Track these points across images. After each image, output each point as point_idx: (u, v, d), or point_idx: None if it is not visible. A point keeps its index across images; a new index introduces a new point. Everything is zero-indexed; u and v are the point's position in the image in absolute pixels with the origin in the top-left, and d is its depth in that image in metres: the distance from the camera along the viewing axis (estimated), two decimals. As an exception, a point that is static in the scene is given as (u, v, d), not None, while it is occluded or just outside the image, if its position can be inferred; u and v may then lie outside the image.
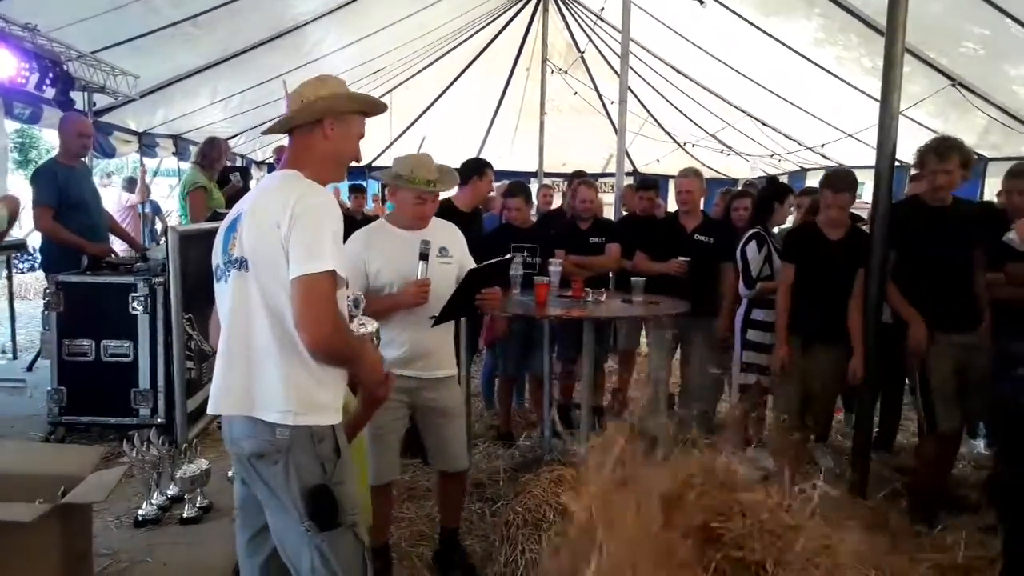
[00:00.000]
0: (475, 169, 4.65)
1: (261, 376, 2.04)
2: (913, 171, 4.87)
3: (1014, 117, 7.01)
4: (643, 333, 6.02)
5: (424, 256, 3.07)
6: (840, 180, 4.11)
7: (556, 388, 5.91)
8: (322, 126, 2.16)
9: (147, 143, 8.47)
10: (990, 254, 3.93)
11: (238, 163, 9.77)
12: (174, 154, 9.29)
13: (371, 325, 2.37)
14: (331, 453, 2.05)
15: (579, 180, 5.70)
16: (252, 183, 8.41)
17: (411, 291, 3.04)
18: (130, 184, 9.80)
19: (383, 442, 3.12)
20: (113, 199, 9.31)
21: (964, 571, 3.43)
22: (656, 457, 4.47)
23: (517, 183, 5.45)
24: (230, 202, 6.02)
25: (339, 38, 8.55)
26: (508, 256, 3.55)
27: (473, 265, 3.26)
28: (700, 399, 5.37)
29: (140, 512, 3.31)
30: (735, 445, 4.74)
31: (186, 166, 8.54)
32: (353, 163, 2.29)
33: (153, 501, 3.36)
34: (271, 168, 8.24)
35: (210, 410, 2.15)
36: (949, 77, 6.81)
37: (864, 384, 4.08)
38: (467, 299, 3.16)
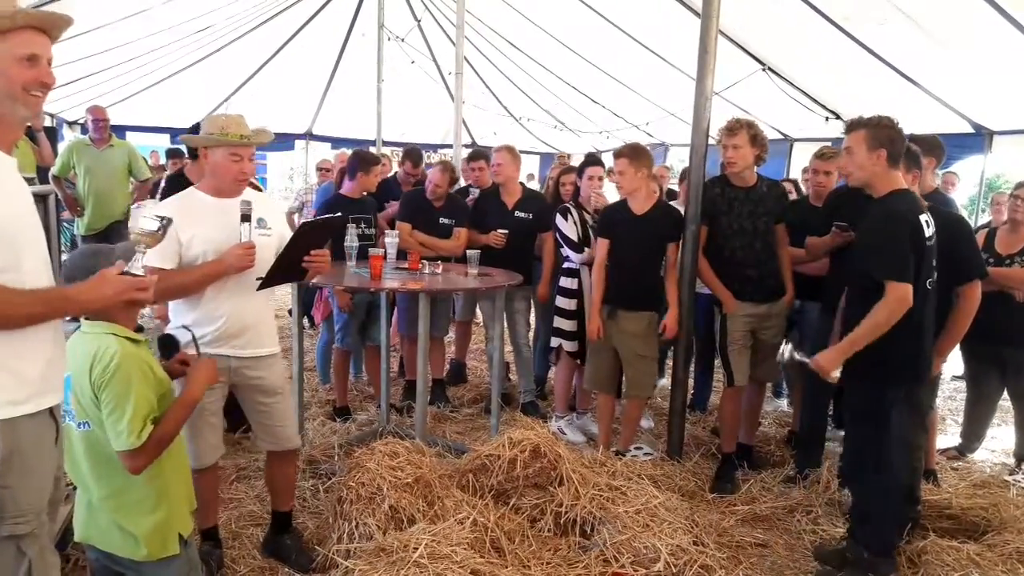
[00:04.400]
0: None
1: None
2: None
3: (816, 101, 7.69)
4: (477, 305, 6.08)
5: (247, 217, 2.85)
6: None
7: (395, 362, 5.88)
8: None
9: None
10: (794, 220, 4.22)
11: (47, 122, 8.77)
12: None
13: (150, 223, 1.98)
14: None
15: (438, 163, 5.49)
16: (60, 146, 7.63)
17: (236, 252, 2.81)
18: None
19: (201, 423, 2.90)
20: None
21: (768, 520, 3.79)
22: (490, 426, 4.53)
23: (370, 153, 5.35)
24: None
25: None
26: (339, 215, 3.44)
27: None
28: (532, 367, 5.53)
29: None
30: (562, 411, 4.96)
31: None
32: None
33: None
34: (84, 129, 7.46)
35: None
36: (760, 62, 7.34)
37: (677, 349, 4.36)
38: (294, 260, 2.97)
